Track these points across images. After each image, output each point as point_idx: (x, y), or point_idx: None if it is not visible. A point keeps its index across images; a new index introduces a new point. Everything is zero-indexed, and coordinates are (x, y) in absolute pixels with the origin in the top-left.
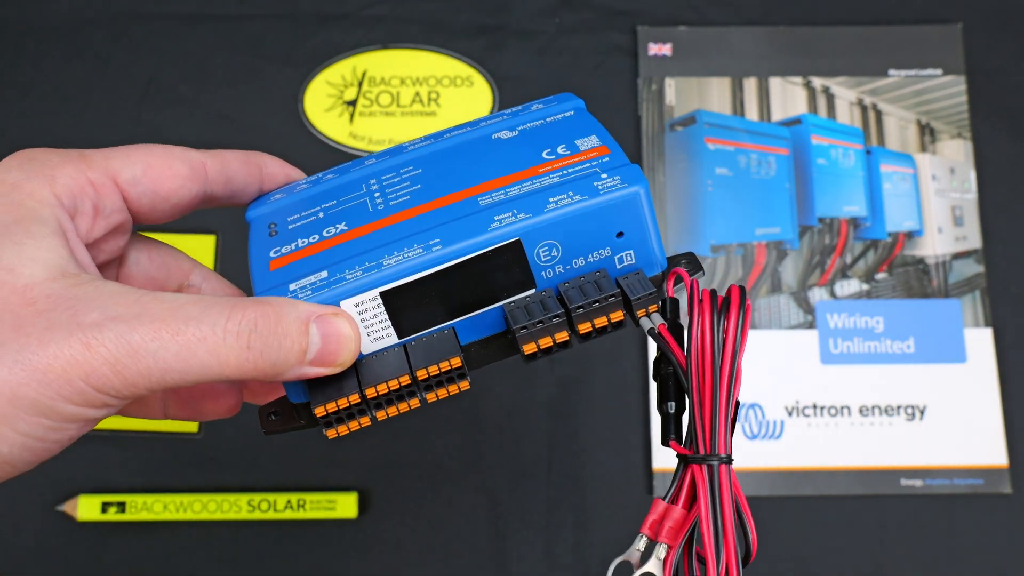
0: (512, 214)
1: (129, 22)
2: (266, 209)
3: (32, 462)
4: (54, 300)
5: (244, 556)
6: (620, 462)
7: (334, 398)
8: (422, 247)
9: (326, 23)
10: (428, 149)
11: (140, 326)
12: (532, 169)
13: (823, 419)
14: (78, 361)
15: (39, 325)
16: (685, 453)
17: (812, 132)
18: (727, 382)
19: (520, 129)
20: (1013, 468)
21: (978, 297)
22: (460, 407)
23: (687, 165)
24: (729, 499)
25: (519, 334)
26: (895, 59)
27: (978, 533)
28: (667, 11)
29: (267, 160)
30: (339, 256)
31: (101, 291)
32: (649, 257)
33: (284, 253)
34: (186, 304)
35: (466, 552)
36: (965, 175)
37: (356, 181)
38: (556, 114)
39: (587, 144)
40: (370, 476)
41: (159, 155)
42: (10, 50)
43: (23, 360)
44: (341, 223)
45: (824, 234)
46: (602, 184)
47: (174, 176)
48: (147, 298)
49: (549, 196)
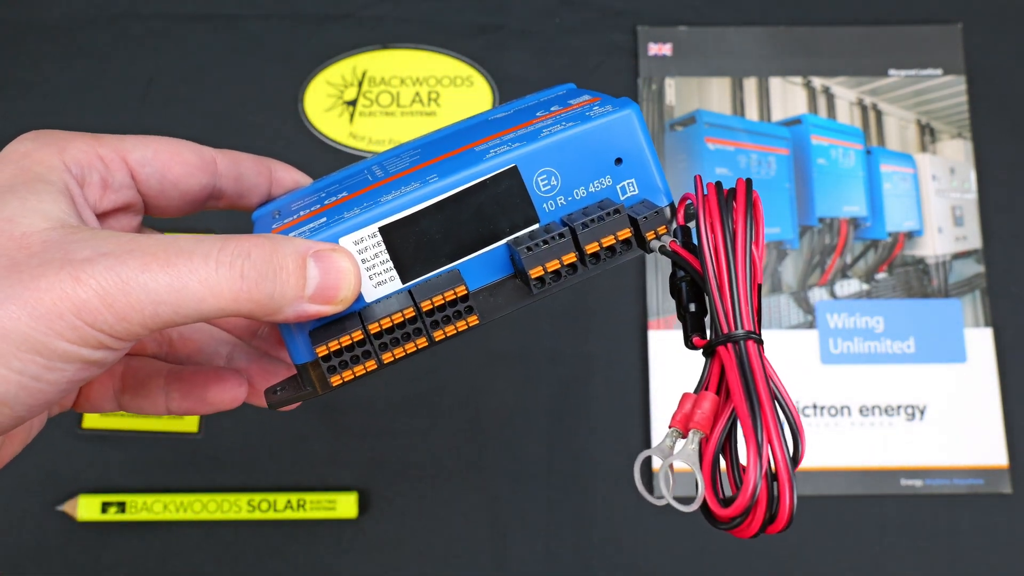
0: (508, 146)
1: (129, 22)
2: (271, 207)
3: (31, 405)
4: (49, 244)
5: (244, 556)
6: (620, 462)
7: (336, 336)
8: (419, 183)
9: (326, 23)
10: (428, 138)
11: (131, 259)
12: (525, 123)
13: (823, 419)
14: (68, 295)
15: (31, 264)
16: (707, 343)
17: (812, 132)
18: (744, 264)
19: (516, 109)
20: (1013, 468)
21: (978, 297)
22: (460, 407)
23: (687, 165)
24: (762, 377)
25: (524, 256)
26: (895, 59)
27: (978, 533)
28: (667, 11)
29: (277, 165)
30: (339, 210)
31: (97, 234)
32: (651, 185)
33: (285, 221)
34: (179, 239)
35: (466, 552)
36: (965, 175)
37: (359, 171)
38: (552, 94)
39: (582, 97)
40: (370, 476)
41: (170, 143)
42: (10, 50)
43: (13, 295)
44: (342, 193)
45: (824, 234)
46: (594, 112)
47: (184, 163)
48: (142, 237)
49: (542, 129)
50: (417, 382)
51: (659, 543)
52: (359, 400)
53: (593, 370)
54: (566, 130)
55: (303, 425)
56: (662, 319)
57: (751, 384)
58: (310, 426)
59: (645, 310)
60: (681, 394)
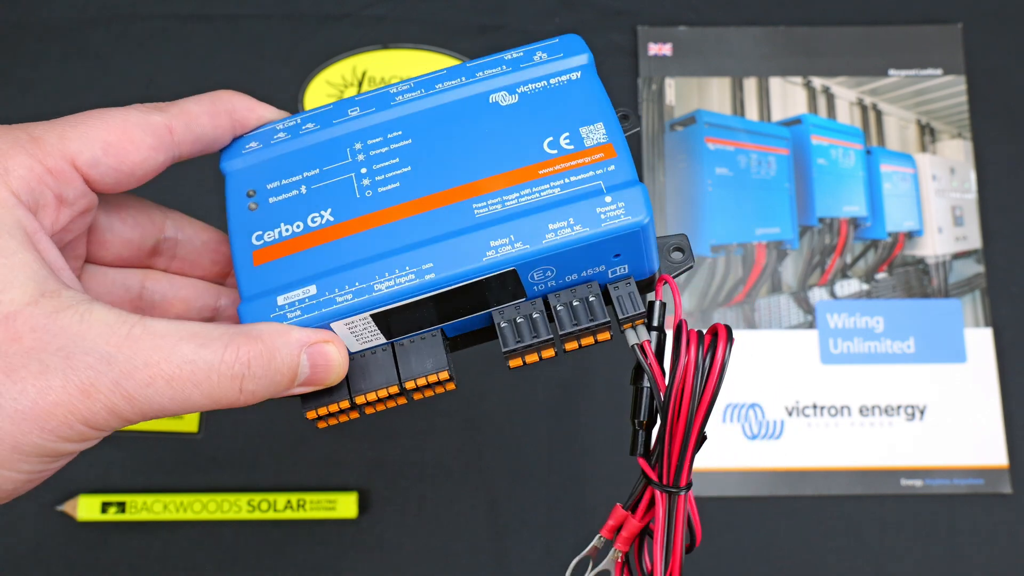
0: (509, 241)
1: (129, 22)
2: (241, 163)
3: (25, 490)
4: (40, 335)
5: (244, 556)
6: (620, 462)
7: (325, 404)
8: (414, 272)
9: (326, 23)
10: (418, 107)
11: (136, 373)
12: (533, 168)
13: (823, 419)
14: (78, 409)
15: (32, 369)
16: (652, 478)
17: (812, 132)
18: (701, 421)
19: (520, 92)
20: (1013, 468)
21: (978, 297)
22: (460, 407)
23: (687, 165)
24: (682, 526)
25: (508, 354)
26: (895, 59)
27: (978, 533)
28: (667, 11)
29: (236, 103)
30: (327, 263)
31: (88, 322)
32: (641, 267)
33: (268, 242)
34: (179, 343)
35: (466, 552)
36: (965, 175)
37: (339, 142)
38: (560, 74)
39: (592, 137)
40: (370, 476)
41: (118, 127)
42: (10, 50)
43: (23, 410)
44: (327, 209)
45: (824, 234)
46: (605, 211)
47: (137, 149)
48: (138, 330)
49: (548, 222)
50: None
51: None
52: None
53: (593, 370)
54: (573, 234)
55: (303, 425)
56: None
57: (671, 534)
58: (310, 426)
59: None
60: (615, 506)
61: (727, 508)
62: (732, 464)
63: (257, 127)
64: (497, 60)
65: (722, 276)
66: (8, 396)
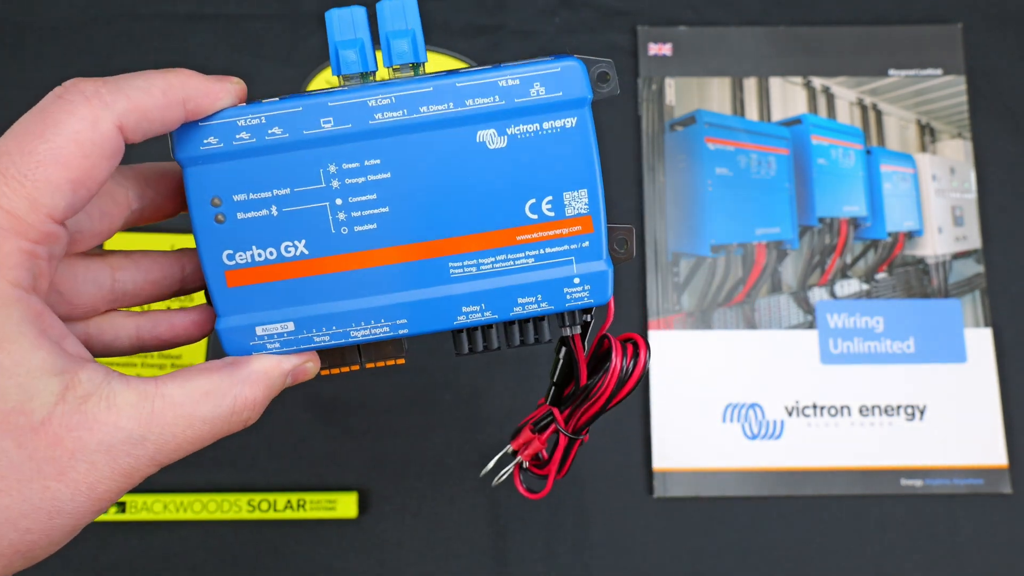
0: (479, 309)
1: (129, 22)
2: (201, 160)
3: None
4: (78, 433)
5: (244, 556)
6: (620, 462)
7: None
8: (389, 325)
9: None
10: (398, 128)
11: (166, 445)
12: (511, 232)
13: (823, 419)
14: (122, 490)
15: (81, 470)
16: (562, 426)
17: (812, 132)
18: (610, 407)
19: (510, 135)
20: (1013, 468)
21: (978, 297)
22: (460, 407)
23: (687, 165)
24: (572, 456)
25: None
26: (895, 59)
27: (978, 533)
28: (667, 11)
29: (191, 90)
30: (303, 299)
31: (114, 408)
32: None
33: (241, 265)
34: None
35: (466, 552)
36: (965, 175)
37: (311, 159)
38: (555, 117)
39: (574, 206)
40: (370, 476)
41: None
42: (10, 50)
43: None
44: (300, 240)
45: (824, 234)
46: (572, 292)
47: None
48: (159, 404)
49: (518, 295)
50: (417, 382)
51: (659, 543)
52: (359, 400)
53: None
54: (538, 310)
55: (303, 425)
56: (662, 319)
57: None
58: (310, 426)
59: (645, 310)
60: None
61: (727, 508)
62: (732, 464)
63: (214, 114)
64: (490, 85)
65: (722, 276)
66: (64, 499)
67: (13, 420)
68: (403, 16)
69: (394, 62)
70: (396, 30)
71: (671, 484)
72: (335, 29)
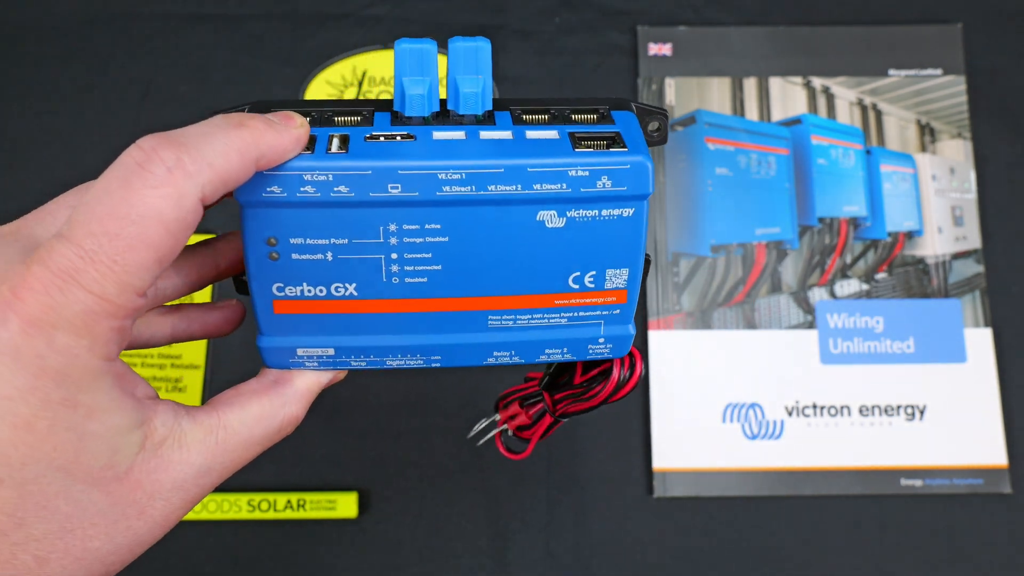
0: (508, 355)
1: (129, 22)
2: (262, 204)
3: None
4: (156, 476)
5: (244, 556)
6: (620, 462)
7: None
8: (423, 359)
9: (326, 23)
10: (464, 200)
11: (228, 471)
12: (551, 296)
13: (823, 419)
14: (187, 511)
15: (159, 507)
16: (551, 408)
17: (812, 132)
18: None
19: (570, 217)
20: (1013, 468)
21: (978, 297)
22: (460, 407)
23: (687, 165)
24: (552, 432)
25: None
26: (895, 59)
27: (978, 533)
28: (667, 11)
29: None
30: (345, 330)
31: (185, 446)
32: None
33: (290, 297)
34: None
35: (466, 552)
36: (965, 175)
37: (373, 218)
38: (615, 207)
39: (614, 281)
40: (370, 476)
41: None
42: (10, 50)
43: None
44: (351, 284)
45: (824, 234)
46: (595, 348)
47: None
48: (222, 435)
49: (546, 347)
50: (417, 382)
51: (659, 543)
52: (359, 400)
53: None
54: (561, 358)
55: (303, 425)
56: (662, 319)
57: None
58: (310, 426)
59: (645, 310)
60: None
61: (727, 508)
62: (732, 464)
63: (279, 165)
64: (560, 174)
65: (722, 276)
66: (143, 533)
67: (102, 475)
68: (475, 62)
69: (461, 111)
70: (468, 77)
71: (671, 484)
72: (404, 65)
